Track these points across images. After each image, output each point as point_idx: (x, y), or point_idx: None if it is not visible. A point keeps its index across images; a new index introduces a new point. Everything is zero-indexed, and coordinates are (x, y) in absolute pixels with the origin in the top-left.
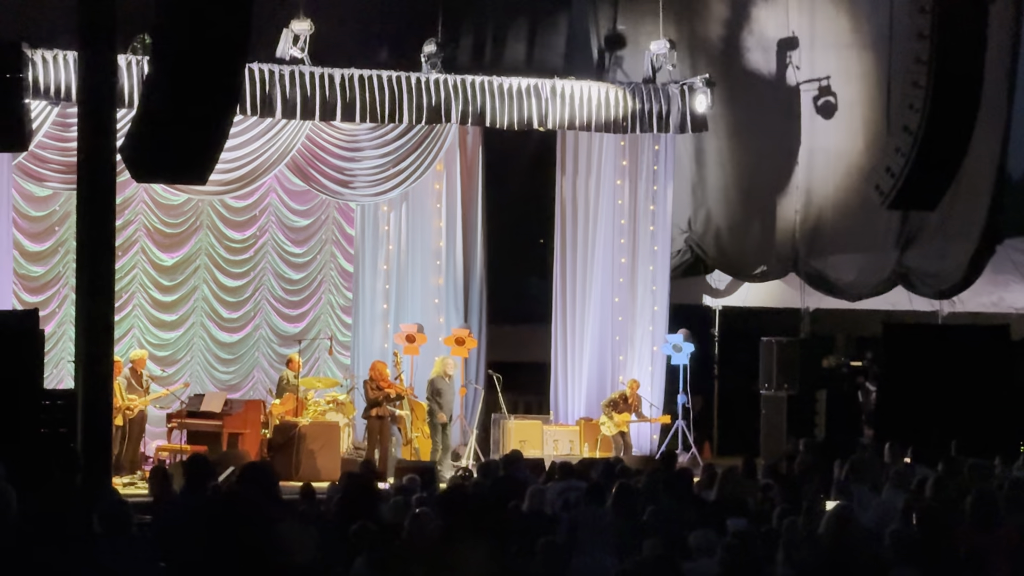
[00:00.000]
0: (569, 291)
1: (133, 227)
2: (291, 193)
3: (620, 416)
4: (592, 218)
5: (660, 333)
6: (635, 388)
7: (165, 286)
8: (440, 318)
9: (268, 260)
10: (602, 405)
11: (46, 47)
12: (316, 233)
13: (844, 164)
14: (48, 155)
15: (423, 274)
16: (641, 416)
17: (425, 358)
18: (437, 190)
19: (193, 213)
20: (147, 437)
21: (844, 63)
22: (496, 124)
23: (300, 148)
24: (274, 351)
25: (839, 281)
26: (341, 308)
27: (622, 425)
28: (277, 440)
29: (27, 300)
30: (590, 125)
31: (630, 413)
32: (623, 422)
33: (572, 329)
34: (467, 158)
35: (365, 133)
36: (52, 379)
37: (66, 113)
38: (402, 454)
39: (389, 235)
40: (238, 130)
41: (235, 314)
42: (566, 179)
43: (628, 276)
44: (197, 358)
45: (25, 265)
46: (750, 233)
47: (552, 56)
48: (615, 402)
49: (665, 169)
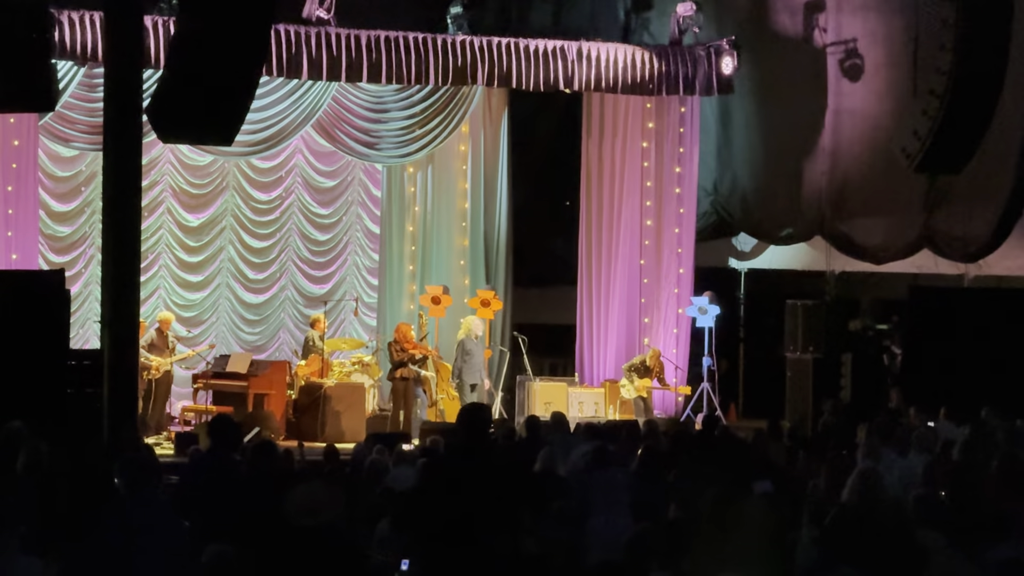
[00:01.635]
0: (595, 253)
1: (159, 188)
2: (317, 154)
3: (641, 381)
4: (618, 180)
5: (685, 295)
6: (657, 356)
7: (191, 247)
8: (465, 280)
9: (294, 221)
10: (624, 368)
11: (72, 7)
12: (342, 194)
13: (871, 127)
14: (74, 116)
15: (448, 236)
16: (664, 383)
17: (450, 320)
18: (463, 152)
19: (219, 174)
20: (173, 398)
21: (870, 25)
22: (522, 86)
23: (326, 109)
24: (299, 312)
25: (865, 244)
26: (367, 269)
27: (642, 390)
28: (302, 401)
29: (53, 260)
30: (616, 87)
31: (651, 379)
32: (644, 387)
33: (597, 291)
34: (493, 120)
35: (391, 94)
36: (78, 339)
37: (92, 74)
38: (427, 416)
39: (415, 196)
40: (264, 91)
41: (261, 275)
42: (592, 141)
43: (654, 238)
44: (223, 319)
45: (51, 225)
46: (776, 196)
47: (578, 18)
48: (636, 367)
49: (691, 131)
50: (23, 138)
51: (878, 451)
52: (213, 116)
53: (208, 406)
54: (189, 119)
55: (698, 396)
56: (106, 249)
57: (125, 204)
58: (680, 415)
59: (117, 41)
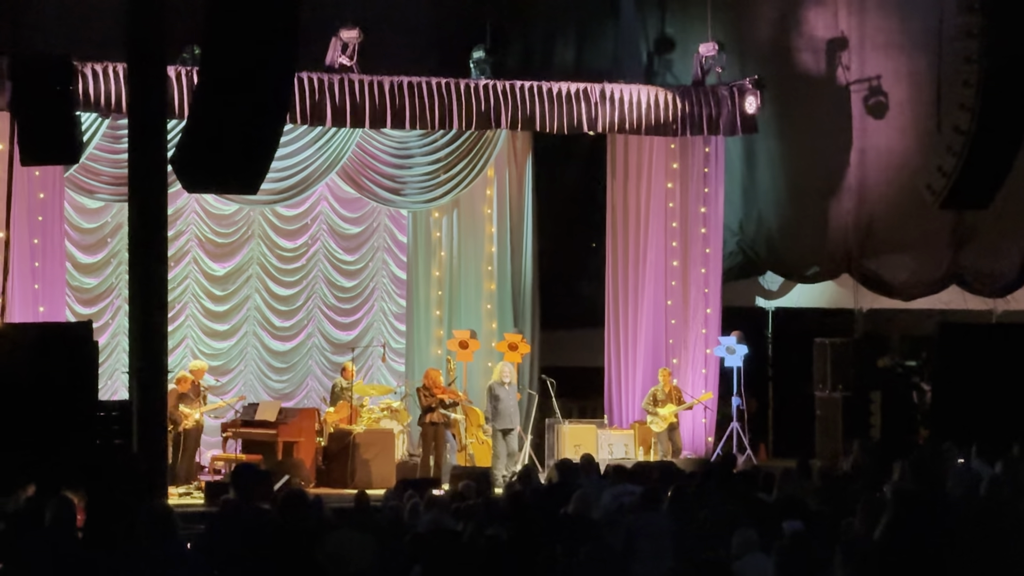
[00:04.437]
0: (621, 294)
1: (185, 237)
2: (342, 201)
3: (664, 409)
4: (643, 221)
5: (713, 335)
6: (667, 377)
7: (217, 296)
8: (493, 324)
9: (320, 268)
10: (643, 406)
11: (96, 60)
12: (368, 240)
13: (896, 164)
14: (99, 167)
15: (475, 280)
16: (683, 403)
17: (478, 364)
18: (488, 195)
19: (244, 222)
20: (203, 447)
21: (894, 63)
22: (546, 129)
23: (351, 156)
24: (327, 359)
25: (893, 281)
26: (394, 315)
27: (670, 417)
28: (332, 448)
29: (80, 312)
30: (640, 128)
31: (673, 403)
32: (670, 414)
33: (625, 333)
34: (517, 163)
35: (415, 140)
36: (106, 390)
37: (116, 125)
38: (457, 460)
39: (441, 241)
40: (288, 139)
41: (288, 323)
42: (617, 183)
43: (680, 279)
44: (250, 367)
45: (78, 277)
46: (802, 234)
47: (601, 60)
48: (653, 397)
49: (716, 171)
50: (48, 191)
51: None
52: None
53: (238, 455)
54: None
55: (728, 435)
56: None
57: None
58: (709, 455)
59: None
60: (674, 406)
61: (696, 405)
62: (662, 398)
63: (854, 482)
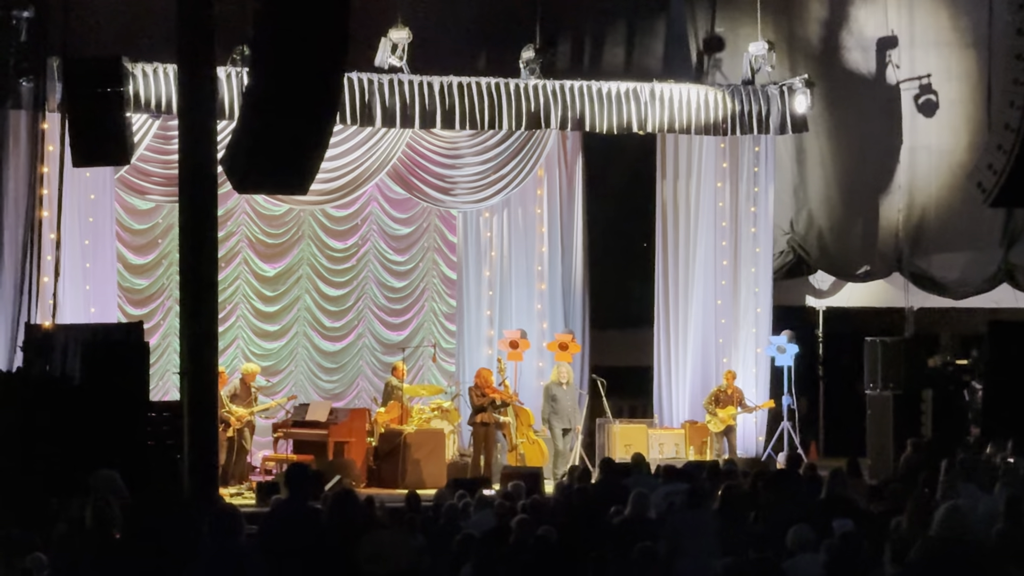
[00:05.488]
0: (672, 294)
1: (235, 238)
2: (392, 201)
3: (724, 411)
4: (693, 221)
5: (764, 335)
6: (731, 379)
7: (268, 296)
8: (543, 323)
9: (370, 269)
10: (704, 404)
11: (146, 61)
12: (418, 241)
13: (946, 162)
14: (150, 168)
15: (526, 280)
16: (745, 407)
17: (529, 364)
18: (538, 195)
19: (295, 223)
20: (254, 447)
21: (944, 61)
22: (596, 129)
23: (400, 156)
24: (377, 359)
25: (944, 279)
26: (444, 315)
27: (728, 420)
28: (383, 448)
29: (131, 313)
30: (690, 128)
31: (734, 406)
32: (729, 416)
33: (675, 332)
34: (567, 163)
35: (465, 140)
36: (157, 391)
37: (167, 126)
38: (507, 460)
39: (491, 241)
40: (338, 139)
41: (338, 323)
42: (667, 182)
43: (730, 278)
44: (301, 367)
45: (129, 278)
46: (853, 233)
47: (650, 59)
48: (716, 397)
49: (766, 170)
50: (99, 192)
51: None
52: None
53: (289, 455)
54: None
55: (778, 435)
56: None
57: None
58: (761, 455)
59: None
60: (735, 409)
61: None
62: (724, 399)
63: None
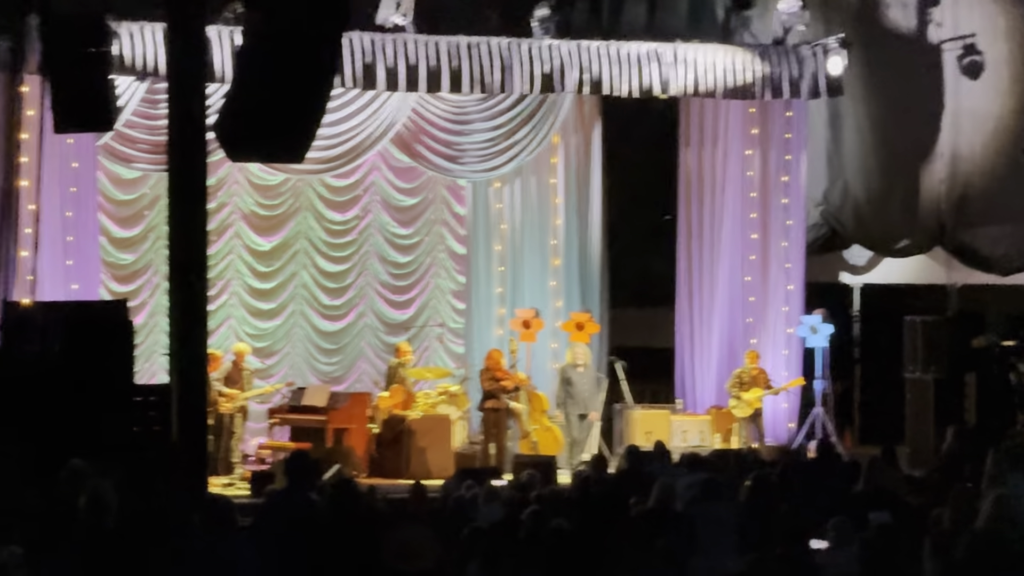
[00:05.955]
0: (696, 270)
1: (227, 210)
2: (396, 170)
3: (750, 393)
4: (719, 191)
5: (795, 314)
6: (754, 359)
7: (262, 272)
8: (558, 302)
9: (372, 243)
10: (727, 388)
11: (132, 19)
12: (424, 213)
13: (992, 128)
14: (136, 134)
15: (540, 255)
16: (771, 388)
17: (542, 345)
18: (553, 164)
19: (291, 194)
20: (247, 434)
21: (990, 20)
22: (615, 92)
23: (405, 122)
24: (380, 340)
25: (989, 254)
26: (452, 293)
27: (755, 403)
28: (385, 435)
29: (116, 290)
30: (716, 92)
31: (760, 388)
32: (755, 399)
33: (699, 311)
34: (585, 129)
35: (474, 104)
36: (144, 374)
37: (154, 89)
38: (519, 448)
39: (503, 213)
40: (338, 104)
41: (337, 301)
42: (691, 150)
43: (759, 253)
44: (297, 349)
45: (113, 252)
46: (891, 204)
47: (674, 18)
48: (739, 379)
49: (798, 137)
50: (82, 160)
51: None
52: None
53: (285, 442)
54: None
55: (811, 422)
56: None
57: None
58: (791, 442)
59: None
60: (760, 391)
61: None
62: (747, 381)
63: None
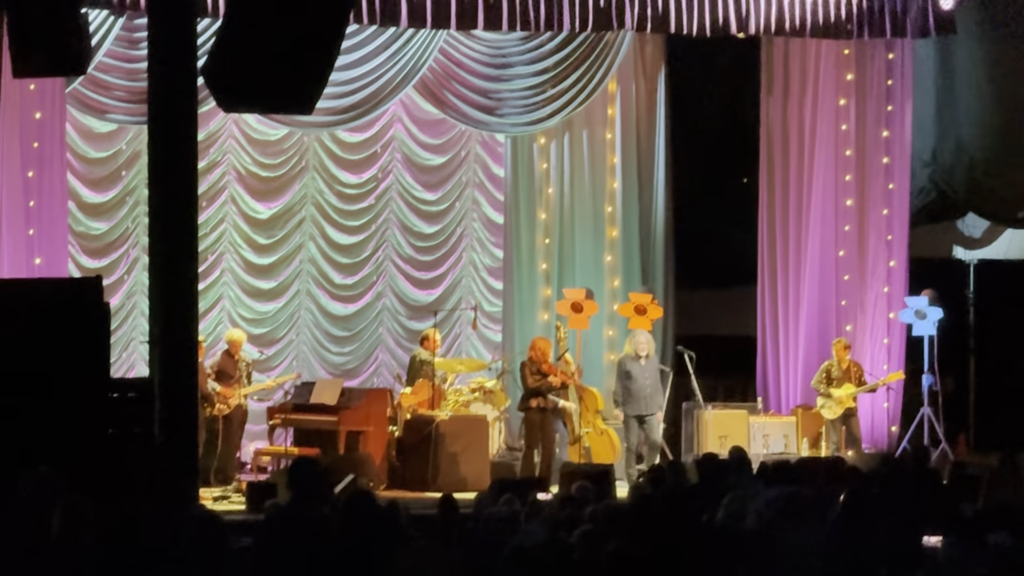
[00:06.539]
0: (780, 244)
1: (220, 170)
2: (421, 123)
3: (840, 390)
4: (807, 149)
5: (898, 296)
6: (845, 350)
7: (261, 245)
8: (615, 281)
9: (392, 209)
10: (813, 384)
11: None
12: (454, 174)
13: None
14: (111, 80)
15: (593, 225)
16: (866, 384)
17: (595, 332)
18: (609, 116)
19: (296, 151)
20: (244, 439)
21: None
22: (683, 31)
23: (432, 65)
24: (402, 326)
25: None
26: (487, 270)
27: (847, 401)
28: (409, 440)
29: (87, 265)
30: (804, 30)
31: (852, 383)
32: (847, 396)
33: (784, 293)
34: (647, 75)
35: (514, 45)
36: (121, 365)
37: (133, 26)
38: (568, 456)
39: (548, 176)
40: (352, 43)
41: (351, 279)
42: (774, 101)
43: (856, 223)
44: (303, 336)
45: (84, 221)
46: (1014, 166)
47: None
48: (827, 374)
49: (902, 85)
50: (47, 110)
51: None
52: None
53: (288, 448)
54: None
55: (917, 424)
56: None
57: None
58: (894, 448)
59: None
60: (853, 387)
61: (881, 387)
62: (837, 376)
63: None
